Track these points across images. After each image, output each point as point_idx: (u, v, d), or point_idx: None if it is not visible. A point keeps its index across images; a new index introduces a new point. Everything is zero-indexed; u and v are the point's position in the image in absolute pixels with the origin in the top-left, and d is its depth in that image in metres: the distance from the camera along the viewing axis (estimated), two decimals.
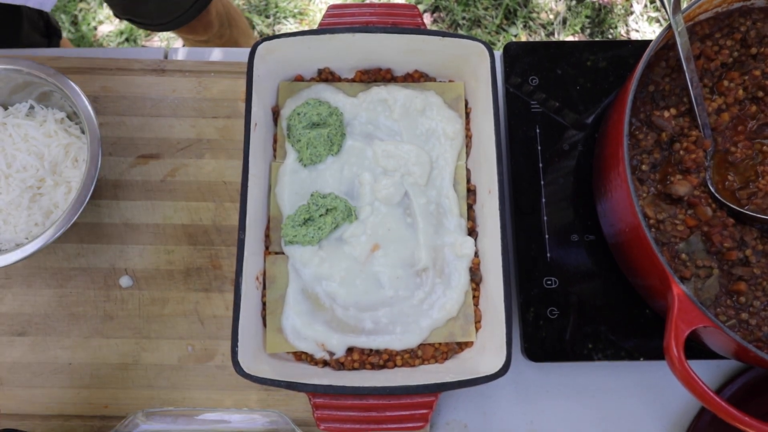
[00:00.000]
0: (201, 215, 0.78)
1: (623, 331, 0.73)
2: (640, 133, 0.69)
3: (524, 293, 0.74)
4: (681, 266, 0.65)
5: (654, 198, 0.67)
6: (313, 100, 0.73)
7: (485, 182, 0.70)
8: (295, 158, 0.73)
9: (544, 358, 0.72)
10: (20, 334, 0.74)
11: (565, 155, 0.79)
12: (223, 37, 1.36)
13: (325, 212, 0.70)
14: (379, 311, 0.69)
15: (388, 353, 0.68)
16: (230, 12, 1.36)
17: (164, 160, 0.80)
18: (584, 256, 0.75)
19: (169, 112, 0.81)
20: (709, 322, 0.56)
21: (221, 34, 1.35)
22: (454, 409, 0.74)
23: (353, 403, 0.63)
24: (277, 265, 0.71)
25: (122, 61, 0.83)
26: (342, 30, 0.72)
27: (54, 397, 0.73)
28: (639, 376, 0.74)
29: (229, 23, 1.36)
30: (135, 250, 0.77)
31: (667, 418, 0.73)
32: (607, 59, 0.83)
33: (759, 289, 0.64)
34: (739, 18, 0.70)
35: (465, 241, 0.70)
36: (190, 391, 0.73)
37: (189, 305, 0.75)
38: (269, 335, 0.68)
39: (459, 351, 0.69)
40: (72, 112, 0.77)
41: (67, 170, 0.74)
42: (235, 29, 1.40)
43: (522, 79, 0.82)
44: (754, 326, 0.63)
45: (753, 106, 0.69)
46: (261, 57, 0.72)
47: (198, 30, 1.27)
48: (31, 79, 0.73)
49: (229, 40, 1.39)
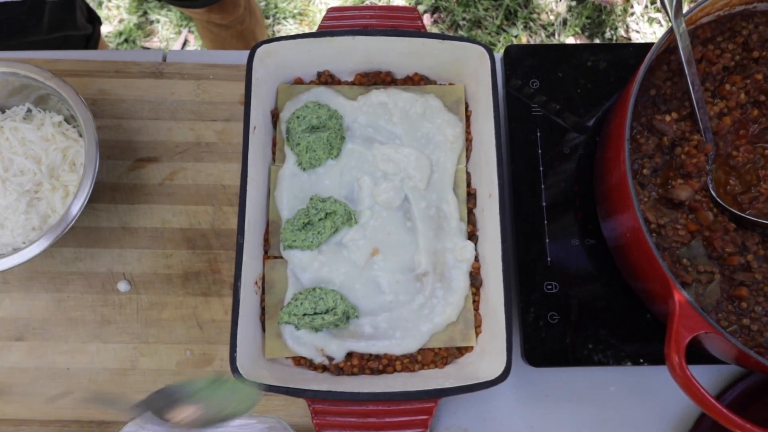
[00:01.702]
0: (199, 219, 0.78)
1: (624, 335, 0.72)
2: (641, 137, 0.69)
3: (524, 297, 0.73)
4: (682, 271, 0.64)
5: (655, 202, 0.67)
6: (312, 104, 0.73)
7: (485, 186, 0.70)
8: (295, 162, 0.73)
9: (545, 362, 0.72)
10: (18, 339, 0.74)
11: (566, 159, 0.78)
12: (244, 23, 1.37)
13: (324, 216, 0.70)
14: (378, 316, 0.69)
15: (387, 358, 0.68)
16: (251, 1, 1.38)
17: (162, 164, 0.80)
18: (585, 260, 0.75)
19: (167, 115, 0.81)
20: (711, 328, 0.56)
21: (243, 19, 1.35)
22: (454, 414, 0.74)
23: (352, 408, 0.63)
24: (276, 270, 0.70)
25: (120, 63, 0.82)
26: (342, 33, 0.72)
27: (52, 402, 0.72)
28: (639, 380, 0.74)
29: (251, 10, 1.38)
30: (133, 254, 0.77)
31: (668, 422, 0.73)
32: (607, 61, 0.82)
33: (761, 295, 0.64)
34: (741, 21, 0.70)
35: (465, 245, 0.70)
36: None
37: (187, 310, 0.75)
38: (268, 340, 0.68)
39: (459, 356, 0.69)
40: (69, 116, 0.76)
41: (64, 174, 0.73)
42: (254, 18, 1.41)
43: (522, 82, 0.81)
44: (756, 332, 0.63)
45: (755, 110, 0.69)
46: (260, 60, 0.71)
47: (228, 8, 1.28)
48: (28, 82, 0.73)
49: (247, 28, 1.39)
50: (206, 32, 1.41)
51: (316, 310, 0.66)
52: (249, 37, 1.42)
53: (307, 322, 0.66)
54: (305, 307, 0.66)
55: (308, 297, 0.67)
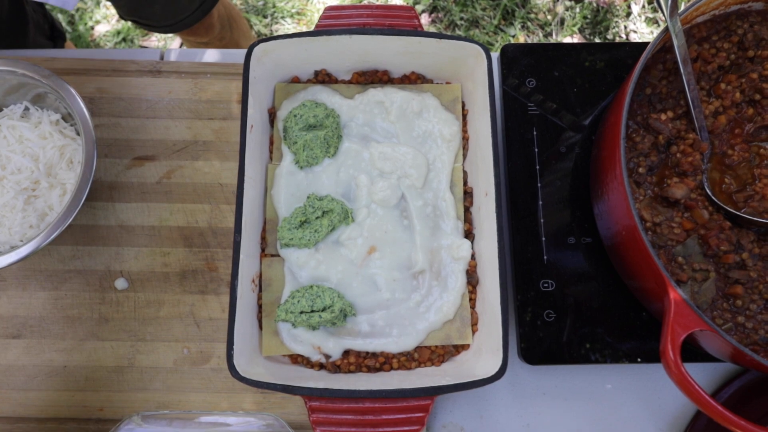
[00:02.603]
0: (197, 217, 0.78)
1: (620, 333, 0.73)
2: (637, 135, 0.69)
3: (521, 296, 0.74)
4: (677, 269, 0.64)
5: (651, 201, 0.67)
6: (309, 102, 0.73)
7: (482, 184, 0.70)
8: (292, 160, 0.73)
9: (541, 360, 0.72)
10: (15, 337, 0.74)
11: (562, 157, 0.79)
12: (223, 39, 1.37)
13: (321, 215, 0.70)
14: (375, 314, 0.69)
15: (384, 356, 0.68)
16: (232, 14, 1.36)
17: (160, 162, 0.80)
18: (581, 258, 0.75)
19: (165, 114, 0.81)
20: (706, 326, 0.56)
21: (222, 36, 1.35)
22: (451, 411, 0.74)
23: (349, 406, 0.63)
24: (273, 268, 0.70)
25: (118, 62, 0.83)
26: (339, 32, 0.72)
27: (49, 400, 0.73)
28: (635, 378, 0.74)
29: (230, 25, 1.37)
30: (130, 252, 0.77)
31: (664, 420, 0.73)
32: (604, 61, 0.82)
33: (755, 293, 0.64)
34: (736, 21, 0.70)
35: (462, 243, 0.70)
36: (186, 393, 0.73)
37: (185, 308, 0.75)
38: (265, 338, 0.68)
39: (455, 353, 0.69)
40: (67, 114, 0.76)
41: (62, 172, 0.73)
42: (236, 31, 1.40)
43: (519, 81, 0.81)
44: (751, 329, 0.63)
45: (750, 109, 0.69)
46: (257, 58, 0.72)
47: (200, 32, 1.28)
48: (25, 81, 0.73)
49: (229, 41, 1.39)
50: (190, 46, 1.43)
51: (313, 307, 0.66)
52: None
53: (304, 320, 0.66)
54: (302, 304, 0.67)
55: (305, 295, 0.67)
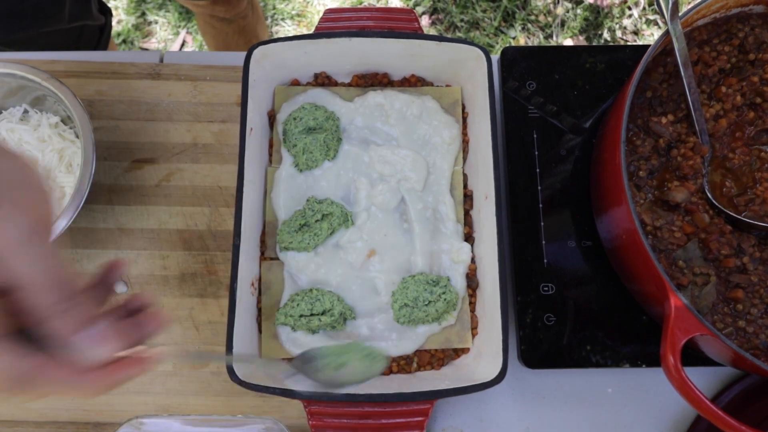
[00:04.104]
0: (196, 220, 0.78)
1: (620, 337, 0.72)
2: (637, 139, 0.69)
3: (521, 299, 0.73)
4: (678, 273, 0.64)
5: (651, 204, 0.67)
6: (309, 105, 0.73)
7: (482, 187, 0.70)
8: (291, 163, 0.73)
9: (541, 364, 0.72)
10: None
11: (563, 160, 0.79)
12: (246, 18, 1.37)
13: (321, 218, 0.70)
14: (375, 317, 0.69)
15: None
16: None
17: (159, 165, 0.79)
18: (581, 262, 0.75)
19: (164, 117, 0.81)
20: (707, 330, 0.56)
21: (246, 14, 1.36)
22: (450, 415, 0.73)
23: (348, 410, 0.63)
24: (272, 271, 0.70)
25: (117, 64, 0.82)
26: (339, 34, 0.72)
27: (47, 403, 0.72)
28: (636, 382, 0.74)
29: (253, 7, 1.39)
30: (130, 255, 0.76)
31: (664, 424, 0.73)
32: (605, 63, 0.82)
33: (756, 297, 0.64)
34: (737, 24, 0.70)
35: (461, 246, 0.70)
36: (185, 397, 0.73)
37: (184, 311, 0.75)
38: (265, 341, 0.68)
39: (455, 357, 0.69)
40: (66, 117, 0.76)
41: (61, 175, 0.73)
42: (256, 15, 1.42)
43: (519, 84, 0.81)
44: (752, 334, 0.63)
45: (751, 113, 0.69)
46: (257, 61, 0.71)
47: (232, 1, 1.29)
48: (24, 83, 0.73)
49: (249, 23, 1.40)
50: (208, 27, 1.42)
51: (312, 311, 0.66)
52: (250, 34, 1.43)
53: (303, 324, 0.66)
54: (302, 308, 0.66)
55: (305, 298, 0.67)
